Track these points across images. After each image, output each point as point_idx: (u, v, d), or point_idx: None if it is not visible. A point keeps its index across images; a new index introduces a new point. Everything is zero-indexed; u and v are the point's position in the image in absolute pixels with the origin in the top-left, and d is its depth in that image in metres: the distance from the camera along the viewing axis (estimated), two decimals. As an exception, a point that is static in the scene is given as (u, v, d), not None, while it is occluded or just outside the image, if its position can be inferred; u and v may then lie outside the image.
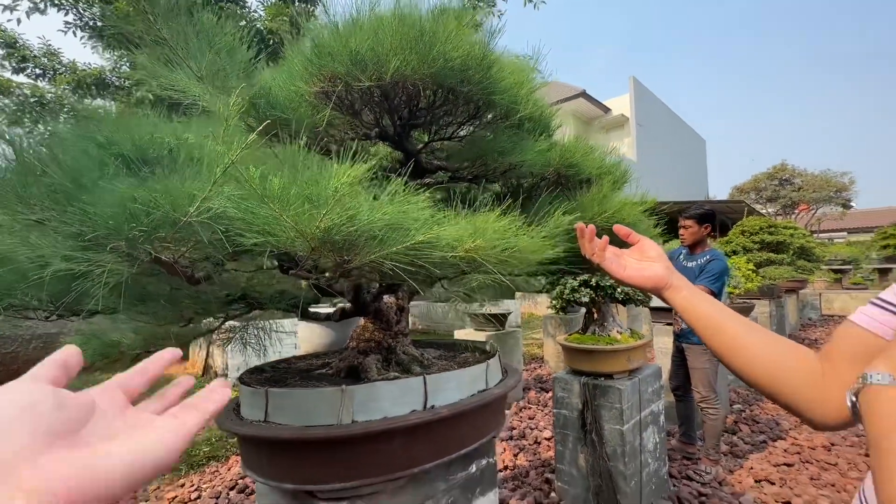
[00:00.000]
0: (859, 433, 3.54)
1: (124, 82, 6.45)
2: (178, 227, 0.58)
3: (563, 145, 1.35)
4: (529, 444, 3.42)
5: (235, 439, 1.38)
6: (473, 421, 1.30)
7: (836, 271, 12.26)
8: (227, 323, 1.45)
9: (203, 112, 1.05)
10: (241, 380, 1.33)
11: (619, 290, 2.63)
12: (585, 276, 2.66)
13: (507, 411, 3.56)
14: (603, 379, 2.47)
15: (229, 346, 1.37)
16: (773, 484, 2.81)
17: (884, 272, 11.81)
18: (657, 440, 2.66)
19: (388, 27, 0.90)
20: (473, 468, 1.42)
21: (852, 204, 24.59)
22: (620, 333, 2.61)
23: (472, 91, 1.06)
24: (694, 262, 2.98)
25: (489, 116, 1.31)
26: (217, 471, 3.32)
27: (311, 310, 1.53)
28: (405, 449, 1.15)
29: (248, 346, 1.31)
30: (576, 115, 19.23)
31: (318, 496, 1.13)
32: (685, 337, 3.04)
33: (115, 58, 6.67)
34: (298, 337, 3.74)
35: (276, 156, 0.67)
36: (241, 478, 3.10)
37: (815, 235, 17.64)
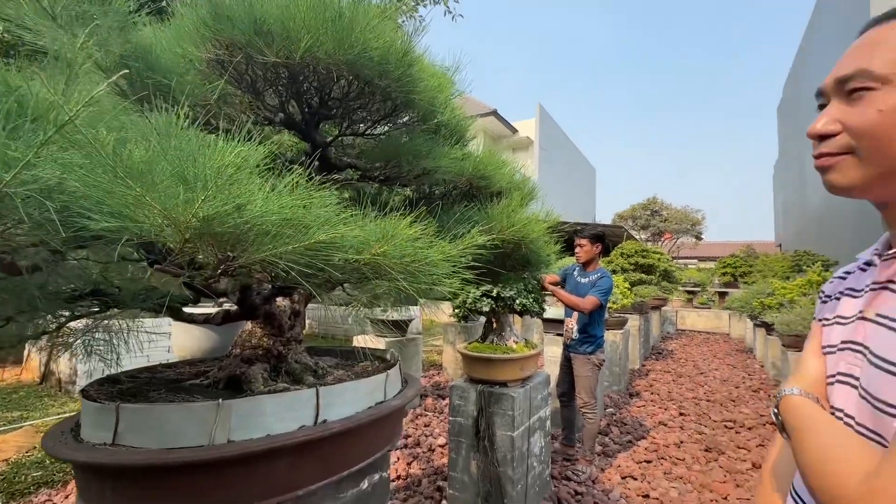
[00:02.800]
0: (701, 431, 4.16)
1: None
2: (-12, 199, 0.43)
3: (477, 156, 1.36)
4: (423, 452, 3.41)
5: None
6: (369, 435, 1.23)
7: (688, 292, 14.49)
8: (73, 323, 1.19)
9: (57, 62, 0.84)
10: (86, 393, 1.09)
11: (517, 301, 2.76)
12: (487, 287, 2.74)
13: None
14: (498, 387, 2.55)
15: (72, 352, 1.11)
16: (635, 479, 3.15)
17: (722, 295, 14.24)
18: (543, 444, 2.82)
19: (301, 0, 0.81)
20: (365, 484, 1.34)
21: (703, 236, 29.40)
22: (516, 343, 2.73)
23: (391, 87, 1.00)
24: (587, 279, 3.26)
25: (406, 118, 1.26)
26: (50, 500, 2.74)
27: (187, 311, 1.32)
28: (290, 470, 1.04)
29: (93, 354, 1.07)
30: (486, 132, 20.13)
31: (178, 530, 0.96)
32: (573, 347, 3.30)
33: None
34: (172, 341, 3.26)
35: (150, 123, 0.55)
36: (82, 507, 2.59)
37: (675, 261, 20.64)
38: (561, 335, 3.64)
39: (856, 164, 0.55)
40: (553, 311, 4.30)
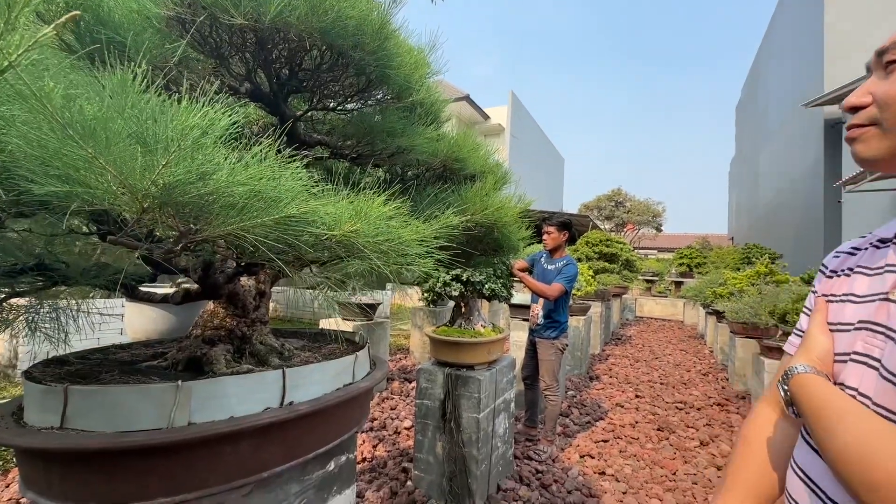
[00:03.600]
0: (654, 412, 4.38)
1: None
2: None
3: (452, 138, 1.34)
4: (389, 435, 3.43)
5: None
6: (336, 417, 1.22)
7: (647, 281, 15.12)
8: (11, 300, 1.10)
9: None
10: (29, 375, 1.02)
11: (486, 286, 2.78)
12: (457, 271, 2.75)
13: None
14: (465, 370, 2.58)
15: (11, 332, 1.03)
16: (592, 458, 3.29)
17: (678, 284, 14.95)
18: (507, 426, 2.90)
19: (272, -41, 0.75)
20: (332, 465, 1.33)
21: (662, 228, 30.67)
22: (484, 327, 2.77)
23: (365, 60, 0.96)
24: (553, 266, 3.33)
25: (380, 94, 1.22)
26: (-12, 489, 2.58)
27: (144, 289, 1.26)
28: (254, 452, 1.01)
29: (37, 333, 1.00)
30: (459, 118, 20.02)
31: (134, 516, 0.92)
32: (538, 332, 3.38)
33: None
34: (125, 321, 3.09)
35: (101, 80, 0.50)
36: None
37: (636, 251, 21.46)
38: (527, 320, 3.72)
39: (879, 135, 0.55)
40: (520, 296, 4.38)
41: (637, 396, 4.90)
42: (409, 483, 2.68)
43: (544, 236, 3.37)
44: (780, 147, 15.63)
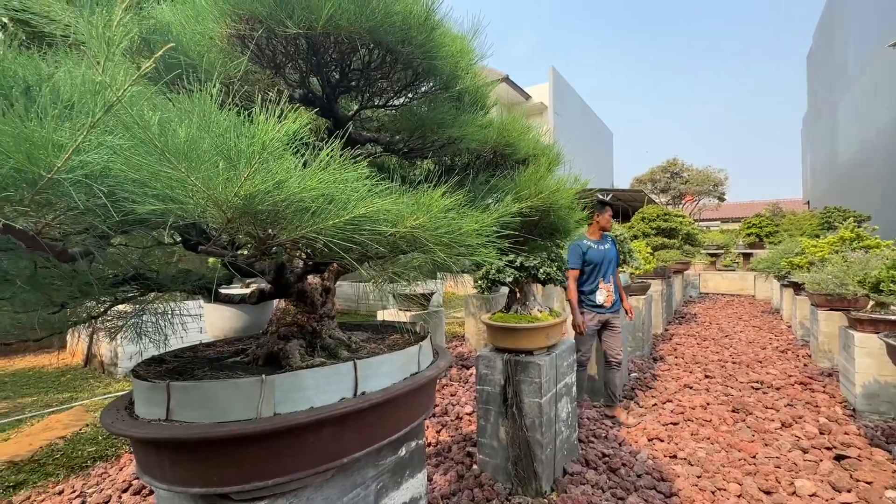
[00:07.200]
0: (727, 392, 4.15)
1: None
2: (39, 187, 0.44)
3: (501, 123, 1.32)
4: (452, 420, 3.50)
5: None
6: (406, 405, 1.26)
7: (711, 255, 14.21)
8: (115, 308, 1.23)
9: (76, 48, 0.84)
10: (136, 373, 1.14)
11: (541, 270, 2.74)
12: (511, 257, 2.73)
13: (430, 390, 3.63)
14: (524, 355, 2.58)
15: (120, 335, 1.16)
16: (662, 441, 3.18)
17: (746, 256, 13.93)
18: (570, 409, 2.86)
19: (321, -34, 0.77)
20: (403, 451, 1.39)
21: (725, 197, 28.54)
22: (541, 312, 2.73)
23: (413, 54, 0.97)
24: (606, 244, 3.32)
25: (427, 86, 1.23)
26: (105, 472, 2.93)
27: (224, 292, 1.36)
28: (334, 439, 1.07)
29: (143, 336, 1.11)
30: (499, 101, 19.63)
31: (234, 498, 1.01)
32: (613, 308, 3.52)
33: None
34: (205, 321, 3.38)
35: (185, 102, 0.54)
36: (137, 478, 2.77)
37: (697, 223, 20.17)
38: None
39: None
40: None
41: (707, 377, 4.66)
42: (474, 467, 2.73)
43: (605, 222, 3.35)
44: (862, 95, 13.97)
